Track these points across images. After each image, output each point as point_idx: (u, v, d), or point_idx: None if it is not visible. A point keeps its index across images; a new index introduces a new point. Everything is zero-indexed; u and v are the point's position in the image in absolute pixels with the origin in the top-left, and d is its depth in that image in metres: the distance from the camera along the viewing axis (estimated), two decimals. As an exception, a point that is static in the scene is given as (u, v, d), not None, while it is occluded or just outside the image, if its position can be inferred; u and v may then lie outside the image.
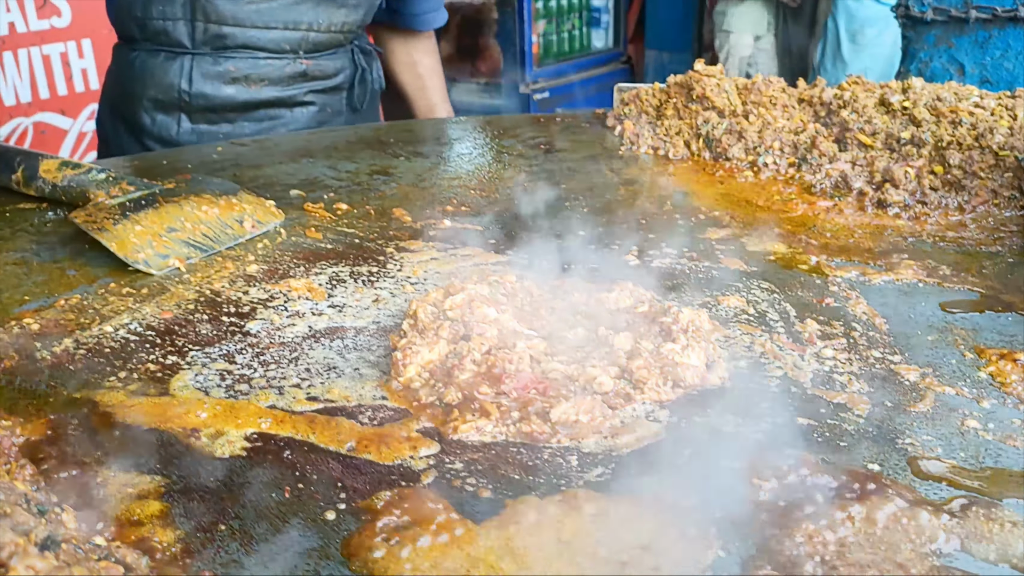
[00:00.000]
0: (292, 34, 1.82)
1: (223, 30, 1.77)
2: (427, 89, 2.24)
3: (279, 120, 1.89)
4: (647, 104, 1.66)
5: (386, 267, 1.13)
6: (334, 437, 0.77)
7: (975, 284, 1.06)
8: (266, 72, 1.84)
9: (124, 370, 0.88)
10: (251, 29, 1.78)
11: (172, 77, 1.80)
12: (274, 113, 1.88)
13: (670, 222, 1.28)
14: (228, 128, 1.85)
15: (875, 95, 1.47)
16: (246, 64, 1.82)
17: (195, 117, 1.83)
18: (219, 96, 1.82)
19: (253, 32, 1.79)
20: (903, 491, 0.68)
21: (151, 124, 1.83)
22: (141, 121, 1.83)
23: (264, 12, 1.78)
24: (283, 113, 1.89)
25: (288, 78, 1.86)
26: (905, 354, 0.90)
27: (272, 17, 1.79)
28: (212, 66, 1.80)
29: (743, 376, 0.86)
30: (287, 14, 1.80)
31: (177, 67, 1.79)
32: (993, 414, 0.79)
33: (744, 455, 0.73)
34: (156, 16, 1.77)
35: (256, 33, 1.79)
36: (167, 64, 1.80)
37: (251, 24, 1.78)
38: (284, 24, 1.80)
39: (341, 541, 0.64)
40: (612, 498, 0.68)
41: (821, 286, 1.06)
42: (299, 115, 1.90)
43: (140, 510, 0.67)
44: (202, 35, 1.77)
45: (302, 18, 1.81)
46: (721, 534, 0.64)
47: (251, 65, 1.82)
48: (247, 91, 1.84)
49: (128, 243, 1.12)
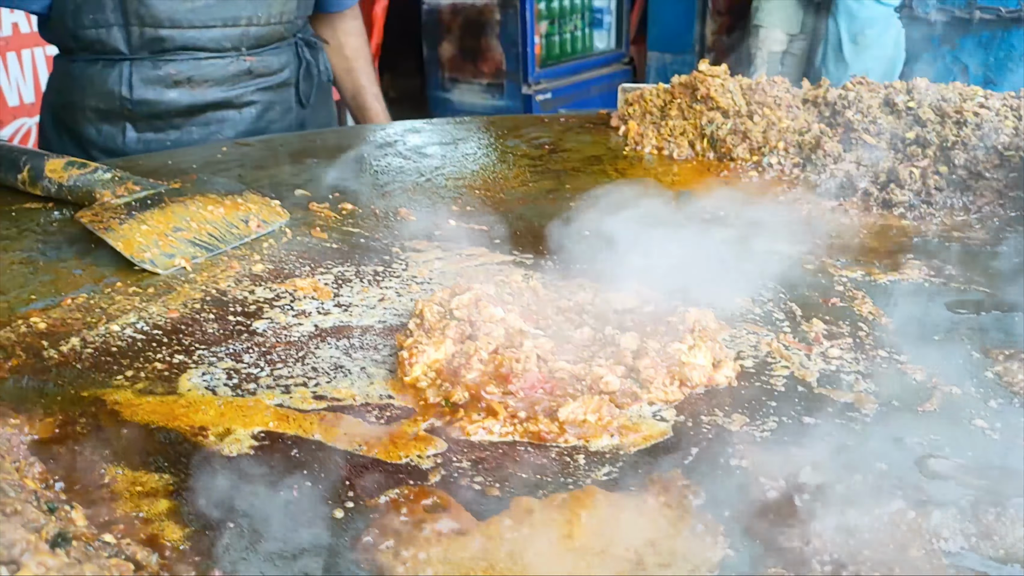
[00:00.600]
0: (232, 31, 1.77)
1: (160, 33, 1.71)
2: (353, 71, 2.17)
3: (227, 122, 1.83)
4: (651, 104, 1.66)
5: (391, 267, 1.13)
6: (341, 436, 0.77)
7: (981, 284, 1.06)
8: (209, 72, 1.78)
9: (131, 369, 0.88)
10: (189, 29, 1.73)
11: (112, 85, 1.74)
12: (221, 115, 1.83)
13: (675, 222, 1.28)
14: (176, 135, 1.80)
15: (880, 95, 1.47)
16: (188, 66, 1.76)
17: (140, 126, 1.77)
18: (163, 101, 1.77)
19: (192, 32, 1.74)
20: (911, 490, 0.68)
21: (96, 135, 1.78)
22: (86, 132, 1.79)
23: (201, 11, 1.72)
24: (231, 115, 1.83)
25: (233, 77, 1.81)
26: (912, 354, 0.90)
27: (210, 15, 1.74)
28: (152, 71, 1.74)
29: (749, 375, 0.86)
30: (225, 10, 1.75)
31: (116, 74, 1.74)
32: (1000, 414, 0.79)
33: (751, 454, 0.73)
34: (88, 25, 1.71)
35: (195, 33, 1.74)
36: (106, 72, 1.75)
37: (189, 24, 1.73)
38: (223, 21, 1.75)
39: (349, 539, 0.64)
40: (620, 497, 0.68)
41: (827, 286, 1.06)
42: (247, 115, 1.85)
43: (149, 508, 0.67)
44: (139, 40, 1.72)
45: (241, 13, 1.76)
46: (729, 533, 0.64)
47: (193, 67, 1.77)
48: (191, 94, 1.78)
49: (134, 242, 1.12)
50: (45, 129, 1.92)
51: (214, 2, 1.73)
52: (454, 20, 5.87)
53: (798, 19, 5.46)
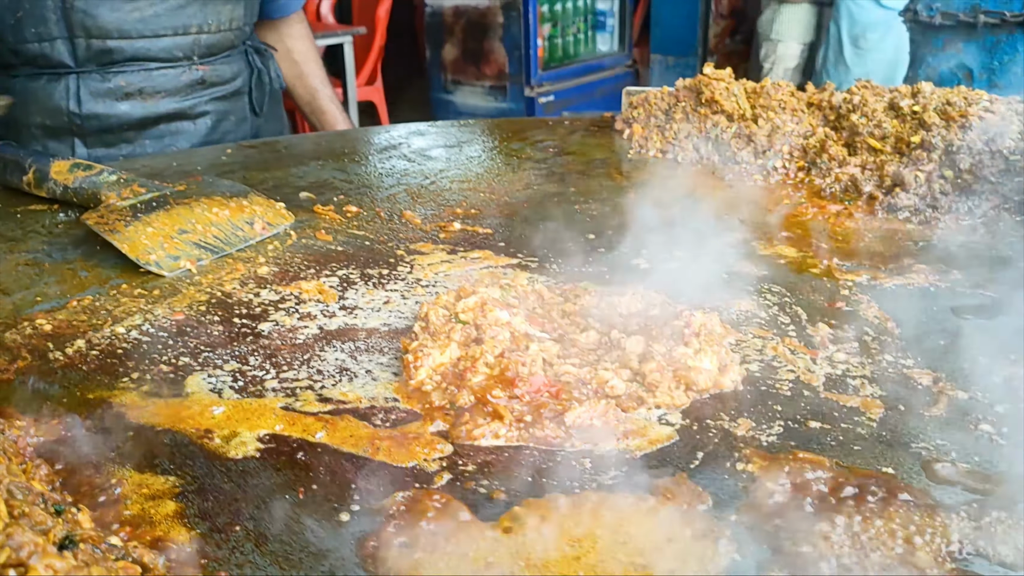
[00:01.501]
0: (183, 39, 1.72)
1: (108, 44, 1.66)
2: (304, 76, 2.14)
3: (181, 134, 1.79)
4: (656, 108, 1.66)
5: (396, 269, 1.13)
6: (347, 439, 0.77)
7: (986, 288, 1.06)
8: (161, 83, 1.74)
9: (137, 371, 0.89)
10: (139, 39, 1.68)
11: (58, 100, 1.69)
12: (175, 127, 1.78)
13: (680, 226, 1.28)
14: (128, 148, 1.75)
15: (885, 99, 1.47)
16: (138, 77, 1.71)
17: (90, 141, 1.72)
18: (113, 115, 1.71)
19: (141, 42, 1.68)
20: (918, 495, 0.68)
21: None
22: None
23: (150, 20, 1.67)
24: (185, 126, 1.79)
25: (186, 87, 1.77)
26: (918, 358, 0.90)
27: (159, 24, 1.69)
28: (101, 83, 1.69)
29: (755, 379, 0.86)
30: (174, 19, 1.70)
31: (62, 89, 1.68)
32: (1007, 418, 0.79)
33: (757, 458, 0.73)
34: (31, 39, 1.64)
35: (145, 43, 1.69)
36: (51, 87, 1.68)
37: (138, 34, 1.67)
38: (173, 30, 1.71)
39: (355, 542, 0.64)
40: (625, 501, 0.68)
41: (832, 290, 1.06)
42: (201, 126, 1.81)
43: (155, 510, 0.67)
44: (85, 52, 1.66)
45: (191, 21, 1.72)
46: (736, 537, 0.64)
47: (144, 78, 1.72)
48: (143, 106, 1.73)
49: (139, 244, 1.13)
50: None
51: (163, 11, 1.68)
52: (457, 22, 5.88)
53: (813, 27, 5.45)
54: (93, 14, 1.63)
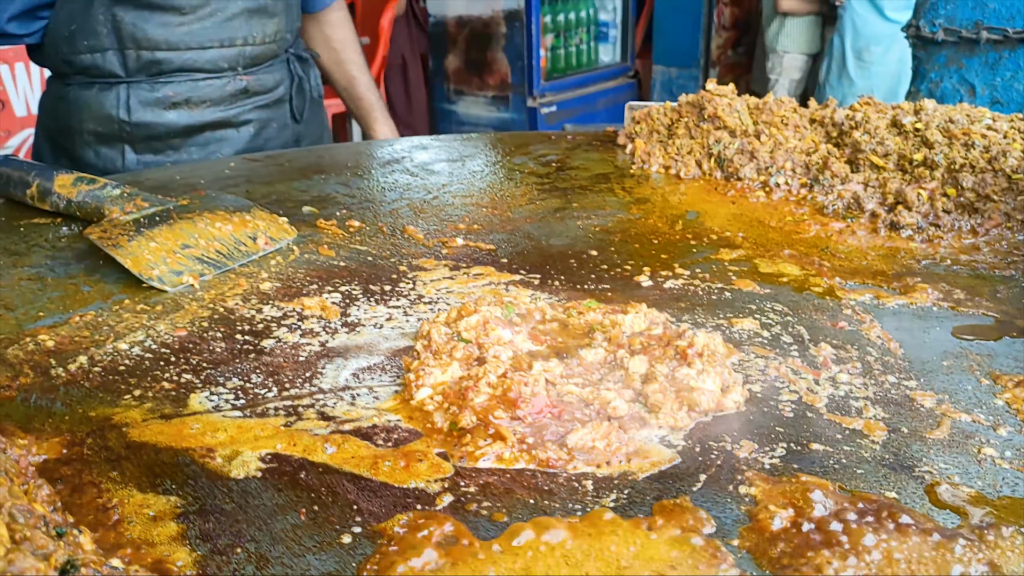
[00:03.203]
0: (228, 51, 1.78)
1: (157, 56, 1.72)
2: (343, 63, 2.19)
3: (225, 141, 1.84)
4: (658, 123, 1.66)
5: (399, 285, 1.14)
6: (349, 459, 0.77)
7: (989, 308, 1.06)
8: (207, 93, 1.79)
9: (139, 388, 0.88)
10: (186, 51, 1.74)
11: (109, 108, 1.75)
12: (219, 135, 1.84)
13: (682, 242, 1.28)
14: (175, 155, 1.80)
15: (887, 116, 1.47)
16: (185, 87, 1.77)
17: (139, 147, 1.78)
18: (161, 123, 1.77)
19: (189, 54, 1.74)
20: (921, 519, 0.68)
21: (95, 158, 1.78)
22: (84, 155, 1.79)
23: (197, 32, 1.73)
24: (229, 134, 1.85)
25: (230, 97, 1.82)
26: (921, 380, 0.90)
27: (206, 37, 1.74)
28: (150, 93, 1.75)
29: (757, 400, 0.86)
30: (221, 31, 1.76)
31: (113, 97, 1.74)
32: (1010, 442, 0.79)
33: (760, 482, 0.73)
34: (83, 50, 1.71)
35: (192, 55, 1.74)
36: (102, 95, 1.75)
37: (186, 46, 1.73)
38: (220, 42, 1.76)
39: (357, 565, 0.64)
40: (628, 524, 0.68)
41: (835, 309, 1.06)
42: (244, 133, 1.87)
43: (156, 532, 0.67)
44: (135, 63, 1.72)
45: (236, 34, 1.78)
46: (739, 563, 0.64)
47: (191, 88, 1.77)
48: (189, 115, 1.79)
49: (142, 260, 1.13)
50: (40, 152, 1.91)
51: (210, 24, 1.74)
52: (460, 32, 5.90)
53: (817, 39, 5.47)
54: (143, 27, 1.70)
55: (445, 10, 5.86)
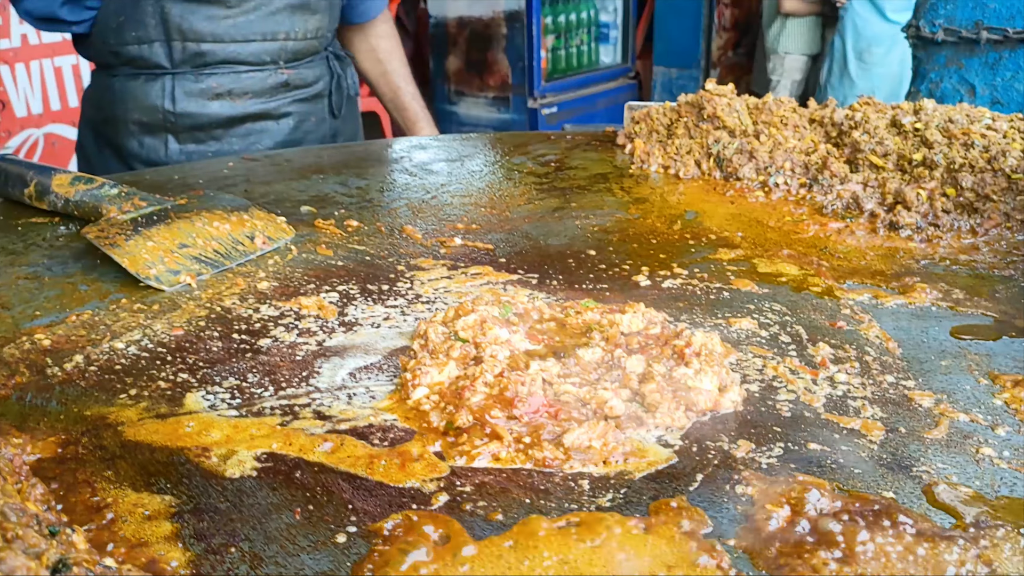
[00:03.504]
0: (271, 45, 1.83)
1: (202, 48, 1.77)
2: (388, 73, 2.23)
3: (265, 133, 1.89)
4: (658, 123, 1.66)
5: (397, 285, 1.13)
6: (344, 458, 0.77)
7: (988, 308, 1.05)
8: (249, 85, 1.85)
9: (135, 387, 0.88)
10: (231, 44, 1.79)
11: (154, 99, 1.80)
12: (260, 127, 1.89)
13: (680, 242, 1.28)
14: (216, 146, 1.85)
15: (886, 116, 1.47)
16: (228, 79, 1.82)
17: (182, 137, 1.83)
18: (205, 113, 1.82)
19: (233, 47, 1.79)
20: (918, 519, 0.68)
21: (139, 147, 1.83)
22: (128, 145, 1.83)
23: (242, 25, 1.78)
24: (269, 126, 1.90)
25: (271, 89, 1.87)
26: (919, 379, 0.89)
27: (251, 30, 1.79)
28: (194, 83, 1.80)
29: (755, 399, 0.86)
30: (265, 25, 1.81)
31: (159, 88, 1.79)
32: (1008, 442, 0.79)
33: (757, 481, 0.73)
34: (131, 41, 1.76)
35: (236, 47, 1.80)
36: (148, 86, 1.80)
37: (230, 39, 1.78)
38: (263, 35, 1.81)
39: (351, 564, 0.64)
40: (624, 524, 0.68)
41: (833, 308, 1.06)
42: (284, 126, 1.92)
43: (150, 531, 0.67)
44: (181, 54, 1.77)
45: (279, 28, 1.82)
46: (735, 563, 0.64)
47: (233, 80, 1.83)
48: (232, 106, 1.84)
49: (140, 259, 1.12)
50: (84, 144, 1.95)
51: (255, 17, 1.79)
52: (460, 33, 5.90)
53: (817, 39, 5.48)
54: (190, 20, 1.75)
55: (446, 11, 5.87)
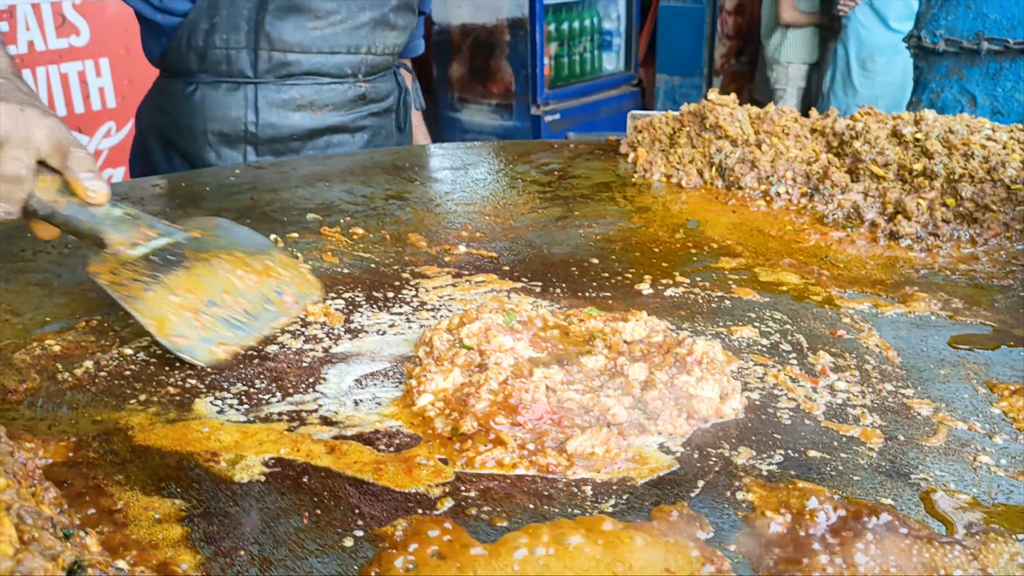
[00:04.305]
0: (353, 58, 1.84)
1: (288, 58, 1.77)
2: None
3: (341, 146, 1.90)
4: (660, 132, 1.68)
5: (402, 292, 1.15)
6: (351, 464, 0.78)
7: (987, 318, 1.06)
8: (330, 98, 1.85)
9: (144, 393, 0.90)
10: (317, 55, 1.79)
11: (237, 109, 1.78)
12: (336, 139, 1.89)
13: (683, 251, 1.29)
14: (293, 158, 1.83)
15: (887, 126, 1.48)
16: (311, 90, 1.82)
17: (261, 149, 1.82)
18: (286, 125, 1.82)
19: (319, 58, 1.79)
20: (916, 526, 0.69)
21: (216, 159, 1.81)
22: (204, 155, 1.81)
23: (329, 37, 1.78)
24: (345, 139, 1.91)
25: (350, 102, 1.88)
26: (918, 388, 0.90)
27: (336, 42, 1.80)
28: (277, 94, 1.79)
29: (756, 407, 0.87)
30: (350, 38, 1.81)
31: (240, 97, 1.78)
32: (1006, 450, 0.80)
33: (757, 488, 0.74)
34: (220, 45, 1.74)
35: (322, 59, 1.80)
36: (230, 96, 1.78)
37: (317, 50, 1.78)
38: (347, 48, 1.81)
39: (359, 568, 0.65)
40: (626, 529, 0.69)
41: (833, 317, 1.07)
42: (359, 139, 1.93)
43: (162, 534, 0.68)
44: (266, 64, 1.76)
45: (362, 42, 1.83)
46: (735, 568, 0.65)
47: (315, 91, 1.83)
48: (313, 118, 1.84)
49: (166, 321, 0.99)
50: (148, 151, 1.89)
51: (340, 30, 1.79)
52: (464, 41, 5.92)
53: (817, 47, 5.52)
54: (281, 28, 1.75)
55: (449, 18, 5.89)
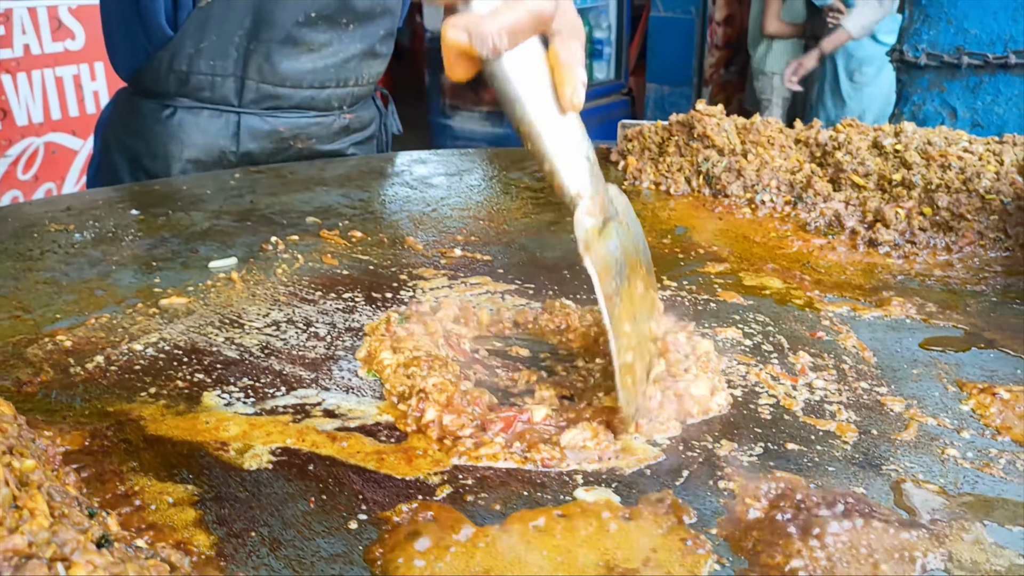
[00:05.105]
0: (341, 91, 1.80)
1: (278, 91, 1.71)
2: None
3: None
4: (650, 141, 1.73)
5: (400, 294, 1.19)
6: (354, 453, 0.82)
7: (959, 321, 1.12)
8: (315, 131, 1.81)
9: (154, 386, 0.93)
10: (307, 90, 1.74)
11: (217, 137, 1.72)
12: None
13: (670, 256, 1.34)
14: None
15: (868, 138, 1.54)
16: (295, 123, 1.78)
17: None
18: (263, 155, 1.77)
19: (309, 92, 1.75)
20: (886, 512, 0.73)
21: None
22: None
23: (320, 71, 1.74)
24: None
25: (334, 134, 1.85)
26: (891, 386, 0.95)
27: (327, 76, 1.75)
28: (261, 125, 1.74)
29: (738, 403, 0.92)
30: (339, 72, 1.77)
31: (223, 125, 1.72)
32: (972, 444, 0.85)
33: (738, 477, 0.78)
34: (205, 71, 1.66)
35: (311, 93, 1.75)
36: (211, 122, 1.71)
37: (308, 85, 1.74)
38: (336, 82, 1.77)
39: (363, 548, 0.69)
40: (615, 515, 0.73)
41: (813, 320, 1.12)
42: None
43: (176, 517, 0.72)
44: (253, 94, 1.70)
45: (351, 74, 1.80)
46: (717, 550, 0.69)
47: (302, 125, 1.78)
48: (297, 152, 1.80)
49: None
50: (116, 171, 1.81)
51: (331, 63, 1.74)
52: (457, 49, 5.96)
53: None
54: (273, 61, 1.68)
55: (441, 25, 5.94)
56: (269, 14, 1.66)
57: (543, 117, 0.78)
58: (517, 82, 0.77)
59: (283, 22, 1.68)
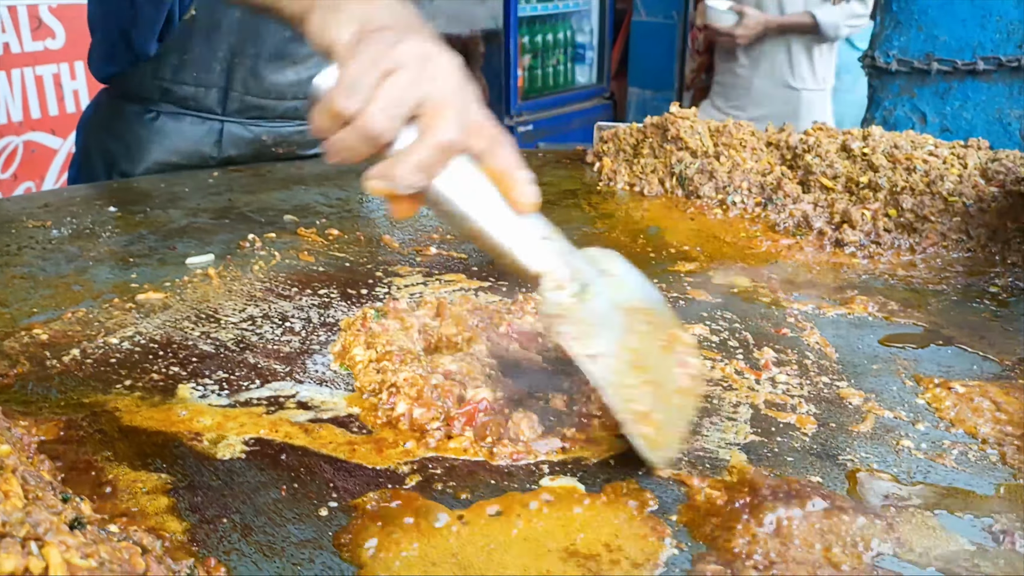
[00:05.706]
0: None
1: (262, 102, 1.73)
2: None
3: None
4: (624, 143, 1.75)
5: (375, 290, 1.21)
6: (326, 443, 0.84)
7: (920, 319, 1.15)
8: (298, 139, 1.84)
9: (129, 379, 0.95)
10: (292, 101, 1.76)
11: (200, 143, 1.73)
12: None
13: (643, 255, 1.36)
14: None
15: (837, 141, 1.57)
16: (277, 131, 1.80)
17: None
18: (244, 160, 1.79)
19: (291, 103, 1.77)
20: (841, 500, 0.76)
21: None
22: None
23: (305, 83, 1.75)
24: None
25: (311, 142, 1.87)
26: (851, 380, 0.98)
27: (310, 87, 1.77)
28: (243, 133, 1.76)
29: (704, 397, 0.94)
30: None
31: (206, 131, 1.73)
32: (927, 435, 0.87)
33: (700, 466, 0.81)
34: (189, 82, 1.67)
35: (294, 104, 1.77)
36: (194, 128, 1.72)
37: (292, 96, 1.75)
38: None
39: (332, 534, 0.71)
40: (580, 502, 0.75)
41: (779, 317, 1.15)
42: None
43: (149, 504, 0.73)
44: (237, 104, 1.72)
45: None
46: (676, 535, 0.71)
47: (285, 133, 1.81)
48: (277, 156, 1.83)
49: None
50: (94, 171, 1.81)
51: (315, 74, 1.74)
52: (439, 51, 5.98)
53: None
54: (257, 74, 1.69)
55: (425, 29, 5.95)
56: (256, 29, 1.68)
57: (492, 220, 0.82)
58: (458, 199, 0.81)
59: (271, 37, 1.69)
